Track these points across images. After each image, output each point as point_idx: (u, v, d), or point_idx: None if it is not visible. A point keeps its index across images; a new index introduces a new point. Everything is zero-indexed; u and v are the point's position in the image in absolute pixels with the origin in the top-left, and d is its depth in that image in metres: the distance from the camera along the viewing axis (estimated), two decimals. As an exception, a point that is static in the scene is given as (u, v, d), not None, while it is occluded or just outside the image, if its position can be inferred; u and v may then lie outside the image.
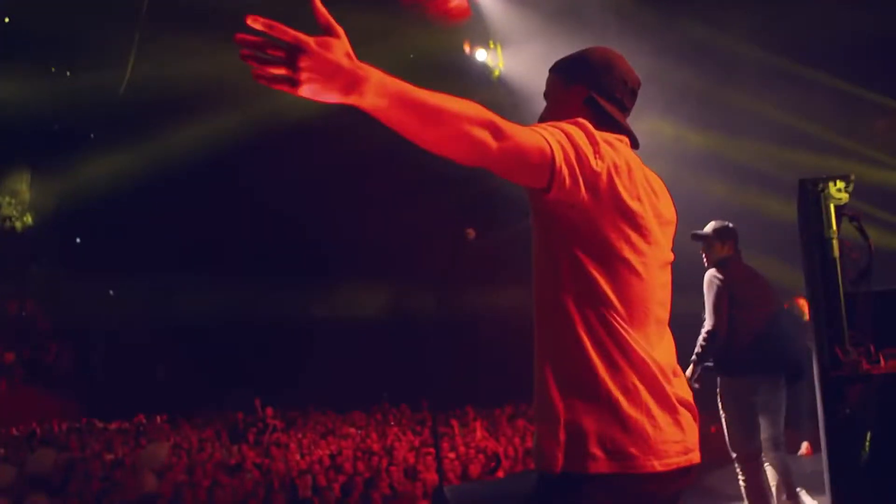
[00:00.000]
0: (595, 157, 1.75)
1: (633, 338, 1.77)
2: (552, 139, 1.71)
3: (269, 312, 14.98)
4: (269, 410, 13.69)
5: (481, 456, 9.80)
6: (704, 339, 4.66)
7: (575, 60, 2.09)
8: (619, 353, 1.76)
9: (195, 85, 11.48)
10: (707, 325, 4.68)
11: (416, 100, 1.56)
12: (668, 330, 1.91)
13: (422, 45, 10.69)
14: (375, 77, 1.50)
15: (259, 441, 11.86)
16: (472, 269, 15.31)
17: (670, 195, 2.00)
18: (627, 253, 1.80)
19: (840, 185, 1.99)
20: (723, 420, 4.73)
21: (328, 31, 1.44)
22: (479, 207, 14.44)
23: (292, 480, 8.38)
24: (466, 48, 11.00)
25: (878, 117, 10.49)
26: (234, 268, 15.09)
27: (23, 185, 16.99)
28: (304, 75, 1.39)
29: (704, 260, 4.85)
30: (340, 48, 1.44)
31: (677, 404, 1.80)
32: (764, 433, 4.69)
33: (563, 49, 2.16)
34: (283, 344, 16.42)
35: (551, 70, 2.11)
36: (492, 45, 10.88)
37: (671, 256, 1.94)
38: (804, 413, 6.19)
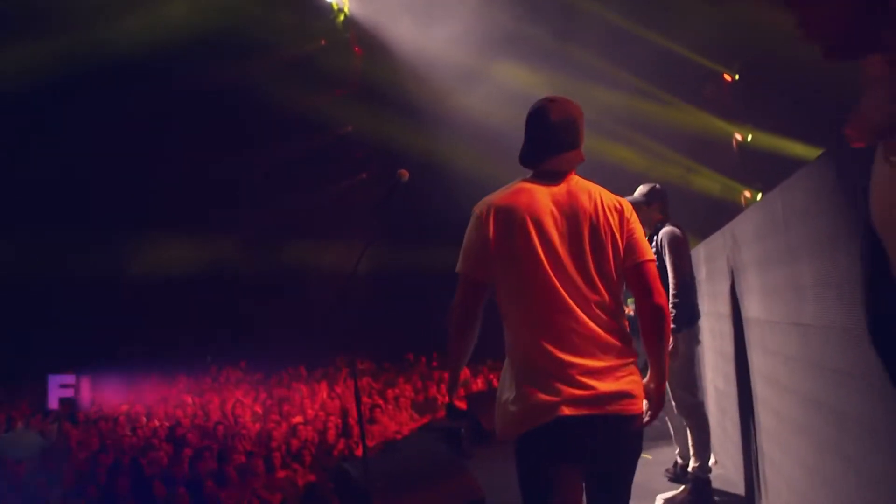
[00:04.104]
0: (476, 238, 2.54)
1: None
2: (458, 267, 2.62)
3: (75, 268, 13.43)
4: (86, 381, 12.48)
5: (333, 418, 9.48)
6: (675, 303, 4.42)
7: None
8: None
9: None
10: (674, 285, 4.44)
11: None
12: None
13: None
14: None
15: (74, 418, 10.71)
16: (297, 223, 14.77)
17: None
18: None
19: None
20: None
21: None
22: (315, 160, 13.86)
23: (134, 460, 7.58)
24: (312, -14, 10.30)
25: (706, 84, 11.13)
26: (43, 218, 13.25)
27: None
28: None
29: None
30: None
31: None
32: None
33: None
34: (91, 304, 14.89)
35: None
36: (338, -13, 10.26)
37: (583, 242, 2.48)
38: None
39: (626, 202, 2.62)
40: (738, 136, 11.36)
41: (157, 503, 6.72)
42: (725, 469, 5.11)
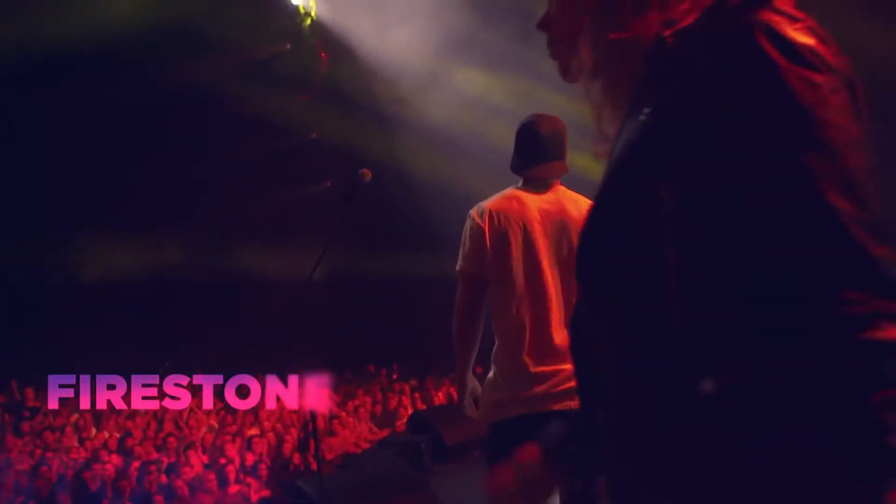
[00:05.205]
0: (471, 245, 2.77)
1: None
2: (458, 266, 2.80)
3: (23, 272, 12.89)
4: (30, 392, 11.93)
5: (293, 430, 9.21)
6: None
7: None
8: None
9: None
10: None
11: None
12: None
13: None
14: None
15: (18, 429, 10.20)
16: (257, 229, 14.44)
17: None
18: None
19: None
20: None
21: None
22: (278, 165, 13.59)
23: (77, 475, 7.23)
24: (281, -12, 10.05)
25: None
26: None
27: None
28: None
29: None
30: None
31: None
32: None
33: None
34: (35, 311, 14.32)
35: None
36: (307, -12, 10.03)
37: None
38: None
39: None
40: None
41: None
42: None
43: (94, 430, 9.89)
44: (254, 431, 9.63)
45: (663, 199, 0.90)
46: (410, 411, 10.10)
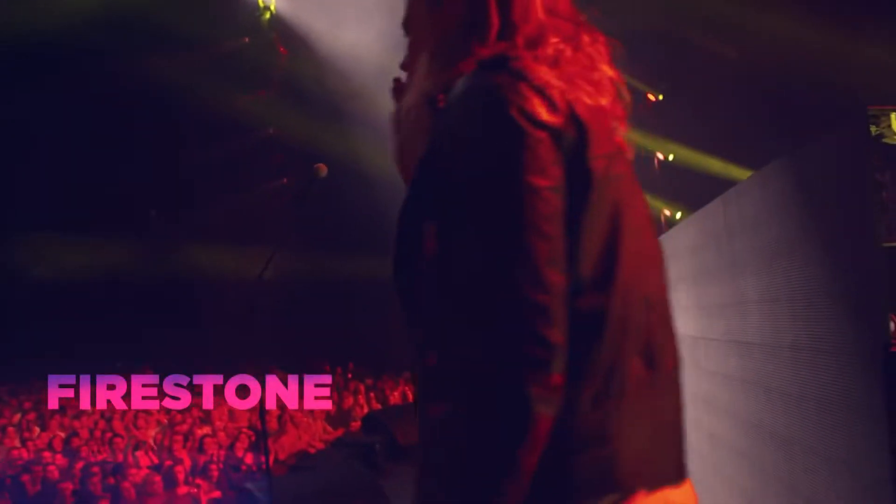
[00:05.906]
0: None
1: None
2: None
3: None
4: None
5: (244, 430, 9.01)
6: None
7: None
8: None
9: None
10: None
11: None
12: None
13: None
14: None
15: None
16: (213, 227, 14.20)
17: None
18: None
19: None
20: None
21: None
22: (233, 163, 13.37)
23: (15, 477, 6.97)
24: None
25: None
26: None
27: None
28: None
29: None
30: None
31: None
32: None
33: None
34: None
35: None
36: (265, -18, 9.84)
37: None
38: None
39: None
40: (660, 156, 11.47)
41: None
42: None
43: (37, 430, 9.58)
44: (205, 431, 9.43)
45: (426, 235, 1.05)
46: (365, 410, 10.00)
